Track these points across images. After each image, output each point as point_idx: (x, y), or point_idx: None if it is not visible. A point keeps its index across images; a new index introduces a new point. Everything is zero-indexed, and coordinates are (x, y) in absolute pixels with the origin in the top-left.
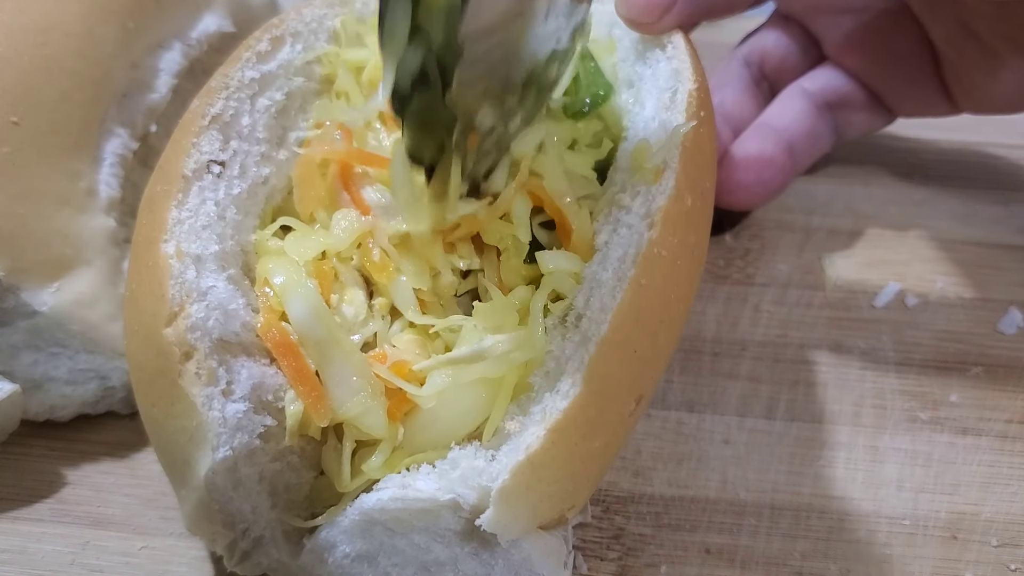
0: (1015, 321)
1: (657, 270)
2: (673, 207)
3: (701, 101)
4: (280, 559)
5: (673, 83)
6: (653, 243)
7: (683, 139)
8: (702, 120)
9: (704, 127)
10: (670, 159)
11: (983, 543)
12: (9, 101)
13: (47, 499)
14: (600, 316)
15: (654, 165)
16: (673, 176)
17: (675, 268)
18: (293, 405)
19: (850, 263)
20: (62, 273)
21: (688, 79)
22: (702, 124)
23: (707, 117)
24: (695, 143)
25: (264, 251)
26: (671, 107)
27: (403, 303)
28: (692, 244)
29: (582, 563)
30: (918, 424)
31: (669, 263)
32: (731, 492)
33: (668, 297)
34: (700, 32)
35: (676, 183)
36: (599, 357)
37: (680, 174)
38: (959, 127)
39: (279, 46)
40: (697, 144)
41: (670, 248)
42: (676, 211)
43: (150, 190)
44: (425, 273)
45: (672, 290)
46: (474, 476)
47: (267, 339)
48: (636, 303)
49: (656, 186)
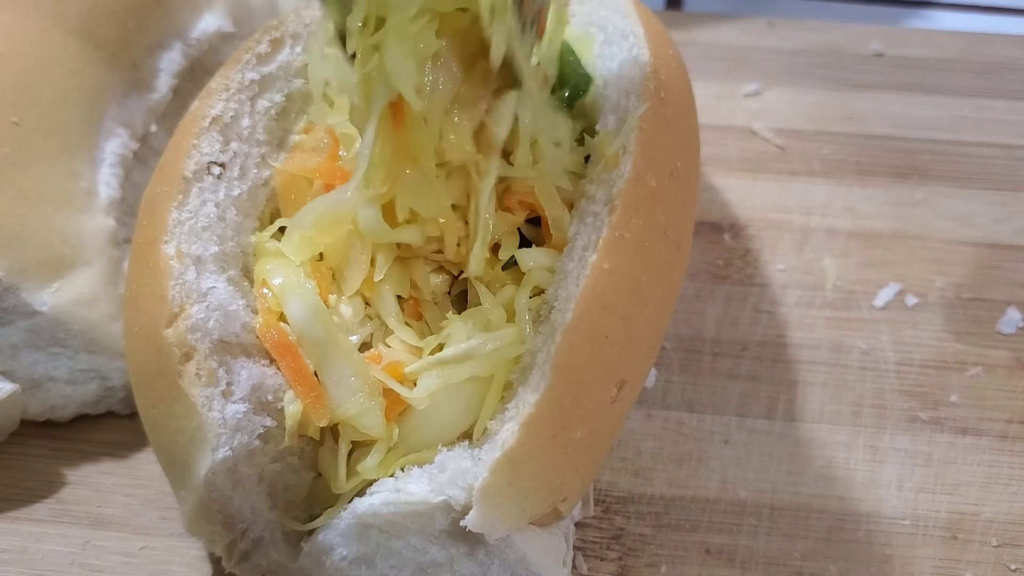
0: (1015, 321)
1: (621, 254)
2: (633, 190)
3: (661, 83)
4: (279, 561)
5: (632, 70)
6: (614, 227)
7: (640, 121)
8: (664, 100)
9: (670, 107)
10: (628, 143)
11: (983, 543)
12: (9, 101)
13: (47, 499)
14: (565, 305)
15: (613, 152)
16: (631, 159)
17: (643, 250)
18: (292, 405)
19: (850, 263)
20: (62, 273)
21: (645, 63)
22: (665, 104)
23: (672, 97)
24: (656, 124)
25: (263, 252)
26: (630, 93)
27: (386, 312)
28: (663, 224)
29: (582, 563)
30: (918, 424)
31: (635, 245)
32: (731, 492)
33: (638, 280)
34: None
35: (635, 166)
36: (566, 346)
37: (639, 156)
38: (959, 127)
39: (279, 48)
40: (660, 124)
41: (635, 230)
42: (637, 193)
43: (150, 191)
44: (406, 284)
45: (642, 272)
46: (462, 477)
47: (266, 340)
48: (600, 289)
49: (615, 171)
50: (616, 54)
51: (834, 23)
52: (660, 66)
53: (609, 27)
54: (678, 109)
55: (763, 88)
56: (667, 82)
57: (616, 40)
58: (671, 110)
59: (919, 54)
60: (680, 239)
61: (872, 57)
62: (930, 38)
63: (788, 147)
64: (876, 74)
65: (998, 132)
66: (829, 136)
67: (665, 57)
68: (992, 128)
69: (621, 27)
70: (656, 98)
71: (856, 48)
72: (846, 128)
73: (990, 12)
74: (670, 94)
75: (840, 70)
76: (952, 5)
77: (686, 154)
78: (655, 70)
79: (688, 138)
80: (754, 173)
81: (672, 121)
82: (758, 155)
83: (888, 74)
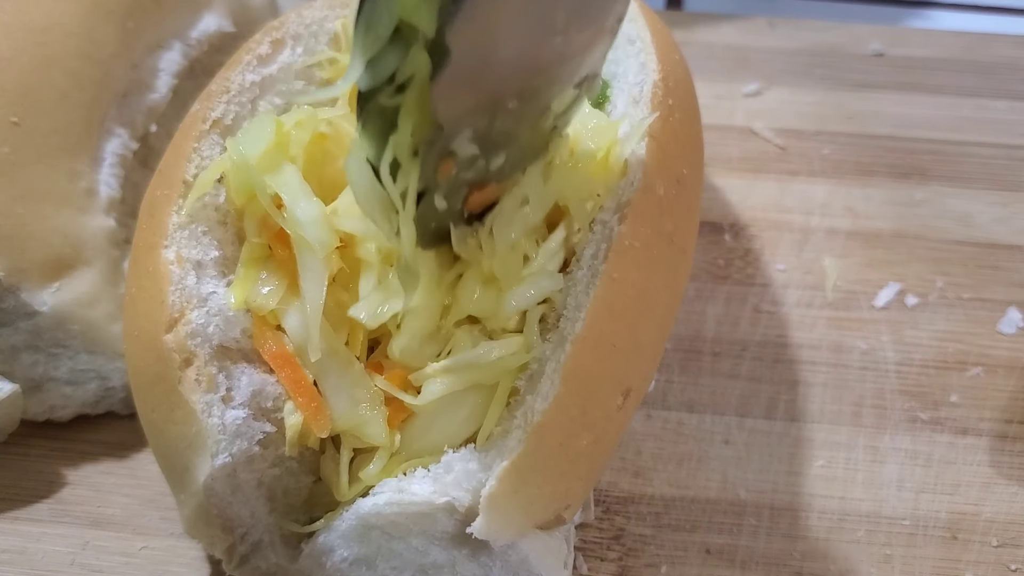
0: (1015, 321)
1: (630, 262)
2: (642, 198)
3: (669, 90)
4: (279, 563)
5: (640, 77)
6: (623, 235)
7: (649, 130)
8: (672, 108)
9: (677, 113)
10: (636, 151)
11: (983, 543)
12: (9, 101)
13: (47, 499)
14: (575, 314)
15: (622, 160)
16: (641, 167)
17: (651, 258)
18: (292, 416)
19: (850, 263)
20: (62, 273)
21: (653, 71)
22: (673, 111)
23: (679, 104)
24: (665, 132)
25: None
26: (639, 101)
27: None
28: (669, 232)
29: (582, 563)
30: (918, 424)
31: (643, 253)
32: (731, 492)
33: (645, 288)
34: (697, 32)
35: (644, 174)
36: (575, 355)
37: (648, 165)
38: (959, 127)
39: (279, 49)
40: (668, 132)
41: (642, 238)
42: (646, 201)
43: (150, 194)
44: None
45: (649, 280)
46: (467, 478)
47: (263, 350)
48: (608, 297)
49: (624, 179)
50: (622, 59)
51: (834, 23)
52: (668, 73)
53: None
54: (684, 115)
55: (763, 88)
56: (674, 88)
57: (622, 44)
58: (678, 116)
59: (919, 54)
60: (685, 245)
61: (872, 57)
62: (930, 38)
63: (788, 147)
64: (876, 74)
65: (998, 132)
66: (829, 136)
67: (672, 63)
68: (992, 128)
69: (627, 32)
70: (664, 106)
71: (856, 48)
72: (846, 128)
73: (990, 12)
74: (677, 101)
75: (840, 70)
76: (952, 5)
77: (692, 160)
78: (663, 77)
79: (694, 143)
80: (754, 173)
81: (679, 128)
82: (758, 155)
83: (888, 74)
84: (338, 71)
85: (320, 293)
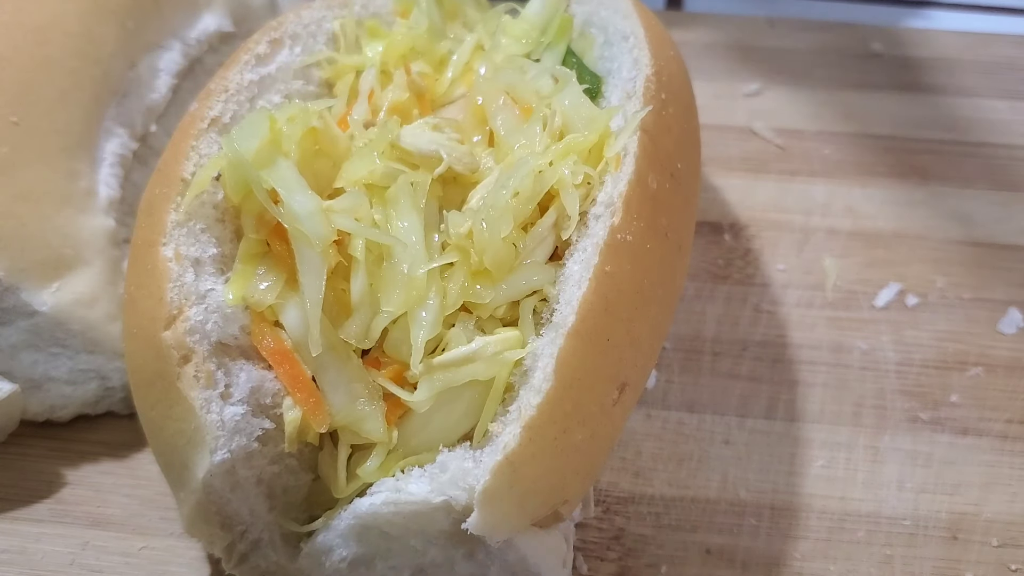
0: (1015, 321)
1: (623, 256)
2: (635, 192)
3: (662, 84)
4: (278, 562)
5: (633, 72)
6: (615, 229)
7: (642, 123)
8: (665, 102)
9: (671, 108)
10: (629, 145)
11: (984, 543)
12: (8, 101)
13: (47, 499)
14: (567, 308)
15: (614, 154)
16: (633, 161)
17: (645, 252)
18: (291, 412)
19: (850, 263)
20: (62, 273)
21: (646, 65)
22: (667, 106)
23: (673, 99)
24: (658, 126)
25: None
26: (632, 96)
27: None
28: (664, 226)
29: (582, 563)
30: (918, 424)
31: (637, 247)
32: (731, 492)
33: (640, 282)
34: (697, 32)
35: (637, 168)
36: (569, 349)
37: (641, 159)
38: (959, 127)
39: (278, 49)
40: (661, 126)
41: (636, 232)
42: (639, 195)
43: (149, 192)
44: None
45: (644, 275)
46: (463, 477)
47: (261, 346)
48: (602, 291)
49: (617, 173)
50: (616, 55)
51: (834, 23)
52: (661, 68)
53: (609, 28)
54: (679, 110)
55: (763, 88)
56: (668, 84)
57: (616, 41)
58: (672, 111)
59: (919, 54)
60: (681, 241)
61: (872, 57)
62: (930, 38)
63: (788, 147)
64: (876, 74)
65: (998, 132)
66: (829, 136)
67: (666, 59)
68: (992, 128)
69: (621, 28)
70: (657, 100)
71: (856, 48)
72: (846, 128)
73: (990, 12)
74: (671, 96)
75: (840, 70)
76: (952, 5)
77: (687, 155)
78: (656, 72)
79: (689, 139)
80: (754, 173)
81: (673, 123)
82: (758, 155)
83: (888, 74)
84: (336, 71)
85: (319, 287)
